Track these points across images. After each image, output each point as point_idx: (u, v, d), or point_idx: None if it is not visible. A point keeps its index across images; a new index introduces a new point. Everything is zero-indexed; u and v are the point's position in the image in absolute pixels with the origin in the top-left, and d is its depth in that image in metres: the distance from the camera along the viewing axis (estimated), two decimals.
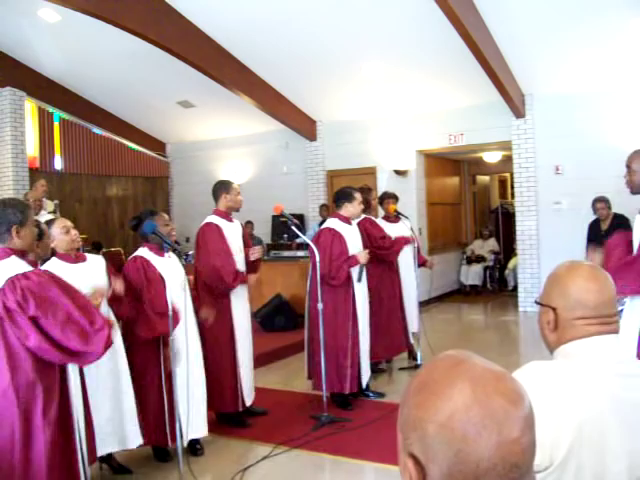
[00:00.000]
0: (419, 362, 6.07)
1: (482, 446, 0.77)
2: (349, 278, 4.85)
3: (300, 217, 10.15)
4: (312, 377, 4.97)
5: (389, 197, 6.25)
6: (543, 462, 1.23)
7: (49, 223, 3.55)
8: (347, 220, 5.00)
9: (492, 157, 11.20)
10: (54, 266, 3.38)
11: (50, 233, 3.45)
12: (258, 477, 3.80)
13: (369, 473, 3.94)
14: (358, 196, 5.01)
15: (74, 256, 3.59)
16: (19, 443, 2.45)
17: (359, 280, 4.87)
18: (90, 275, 3.58)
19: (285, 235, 10.03)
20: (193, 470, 3.64)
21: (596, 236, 6.75)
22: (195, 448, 4.10)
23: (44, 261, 3.47)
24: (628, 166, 3.26)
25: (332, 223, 4.98)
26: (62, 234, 3.51)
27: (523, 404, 0.81)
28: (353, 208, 4.98)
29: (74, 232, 3.60)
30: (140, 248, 4.01)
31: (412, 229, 6.20)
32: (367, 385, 5.18)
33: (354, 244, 4.97)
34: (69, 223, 3.61)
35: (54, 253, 3.53)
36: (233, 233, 4.66)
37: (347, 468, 3.91)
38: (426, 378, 0.84)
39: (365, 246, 5.10)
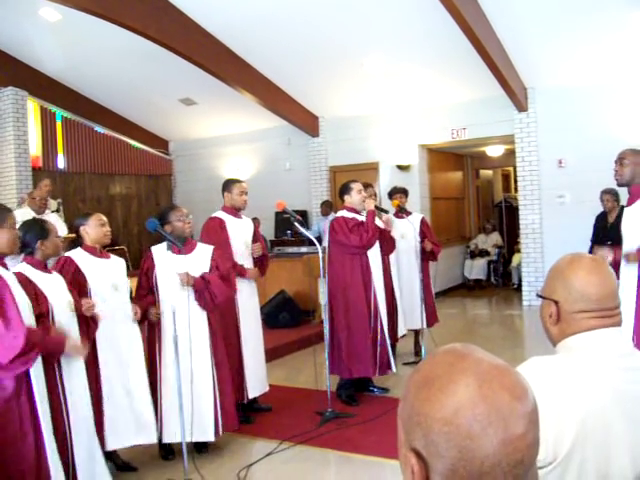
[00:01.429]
0: (423, 357, 6.05)
1: (487, 443, 0.76)
2: (369, 274, 4.93)
3: (303, 213, 10.14)
4: (330, 364, 4.89)
5: (397, 192, 6.21)
6: (547, 457, 1.22)
7: (85, 217, 3.74)
8: (355, 211, 5.04)
9: (495, 151, 11.17)
10: (77, 255, 3.59)
11: (86, 224, 3.67)
12: (263, 473, 3.80)
13: (374, 468, 3.93)
14: (356, 185, 5.03)
15: (99, 251, 3.73)
16: None
17: None
18: (111, 272, 3.72)
19: (289, 231, 10.04)
20: (198, 467, 3.65)
21: (603, 229, 6.71)
22: (200, 445, 4.10)
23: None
24: (621, 158, 3.42)
25: (341, 213, 5.08)
26: (98, 226, 3.70)
27: (528, 399, 0.80)
28: (351, 198, 5.01)
29: (108, 227, 3.79)
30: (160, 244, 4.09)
31: (424, 222, 6.21)
32: (371, 380, 5.19)
33: None
34: (104, 218, 3.80)
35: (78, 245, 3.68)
36: (239, 228, 4.73)
37: (352, 463, 3.92)
38: (429, 372, 0.83)
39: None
